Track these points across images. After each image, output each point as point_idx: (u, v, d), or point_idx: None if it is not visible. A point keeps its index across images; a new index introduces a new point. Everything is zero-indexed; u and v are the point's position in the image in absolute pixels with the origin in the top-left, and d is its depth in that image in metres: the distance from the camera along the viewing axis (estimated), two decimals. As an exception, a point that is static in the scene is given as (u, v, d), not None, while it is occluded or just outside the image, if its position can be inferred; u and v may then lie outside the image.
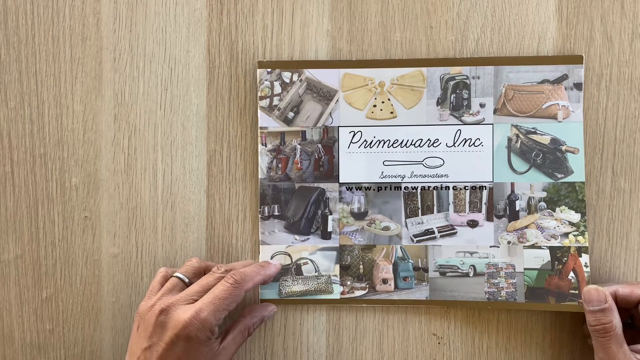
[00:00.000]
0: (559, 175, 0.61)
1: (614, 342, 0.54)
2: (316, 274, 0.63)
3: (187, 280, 0.58)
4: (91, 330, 0.64)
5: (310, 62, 0.63)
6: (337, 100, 0.63)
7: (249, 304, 0.63)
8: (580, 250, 0.61)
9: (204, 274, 0.59)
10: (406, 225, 0.63)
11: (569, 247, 0.61)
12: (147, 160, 0.64)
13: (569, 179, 0.61)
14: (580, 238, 0.61)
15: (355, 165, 0.63)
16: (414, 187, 0.62)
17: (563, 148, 0.61)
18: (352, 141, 0.62)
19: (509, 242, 0.62)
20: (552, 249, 0.61)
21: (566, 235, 0.61)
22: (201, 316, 0.54)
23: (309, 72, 0.63)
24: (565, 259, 0.61)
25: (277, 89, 0.63)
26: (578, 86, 0.61)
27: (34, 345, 0.64)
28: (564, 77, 0.61)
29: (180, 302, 0.55)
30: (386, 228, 0.63)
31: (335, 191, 0.63)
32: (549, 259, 0.61)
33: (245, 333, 0.59)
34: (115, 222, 0.64)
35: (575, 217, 0.61)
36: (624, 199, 0.61)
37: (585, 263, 0.60)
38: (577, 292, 0.60)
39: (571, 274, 0.60)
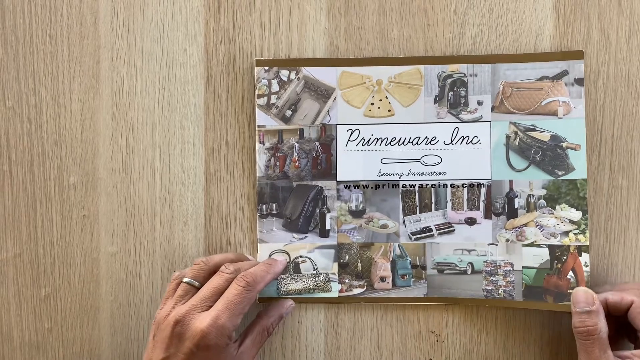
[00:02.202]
0: (560, 173, 0.61)
1: (597, 347, 0.53)
2: (314, 272, 0.63)
3: (197, 284, 0.57)
4: (90, 328, 0.64)
5: (308, 60, 0.63)
6: (335, 99, 0.62)
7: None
8: (580, 249, 0.60)
9: (214, 273, 0.59)
10: (404, 223, 0.62)
11: (569, 246, 0.60)
12: (145, 158, 0.64)
13: (570, 176, 0.60)
14: (580, 236, 0.60)
15: (353, 163, 0.62)
16: (412, 184, 0.62)
17: (564, 145, 0.60)
18: (350, 139, 0.62)
19: (507, 240, 0.61)
20: (551, 248, 0.61)
21: (566, 233, 0.60)
22: (219, 323, 0.53)
23: (307, 70, 0.63)
24: (565, 257, 0.60)
25: (275, 87, 0.63)
26: (579, 81, 0.60)
27: (32, 344, 0.64)
28: (564, 73, 0.60)
29: (195, 310, 0.55)
30: (384, 226, 0.63)
31: (333, 189, 0.63)
32: (548, 257, 0.61)
33: (265, 334, 0.59)
34: (113, 220, 0.64)
35: (576, 215, 0.60)
36: (622, 196, 0.61)
37: (585, 262, 0.59)
38: (575, 291, 0.60)
39: (570, 273, 0.60)
